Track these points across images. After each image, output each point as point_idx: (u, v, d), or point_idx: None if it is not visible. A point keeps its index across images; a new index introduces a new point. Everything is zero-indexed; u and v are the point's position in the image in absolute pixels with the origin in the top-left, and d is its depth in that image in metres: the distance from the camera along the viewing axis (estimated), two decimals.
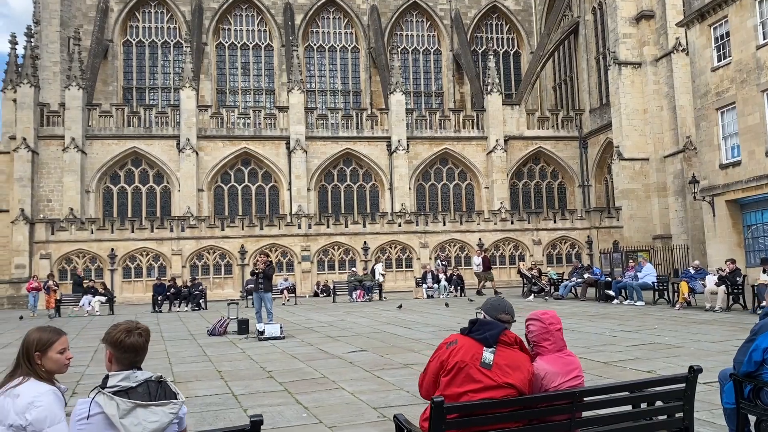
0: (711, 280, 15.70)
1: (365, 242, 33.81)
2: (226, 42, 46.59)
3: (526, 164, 42.52)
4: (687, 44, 35.06)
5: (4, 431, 2.93)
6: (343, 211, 38.15)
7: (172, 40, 45.96)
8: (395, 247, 34.47)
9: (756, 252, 23.26)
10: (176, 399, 3.04)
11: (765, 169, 22.17)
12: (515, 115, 42.06)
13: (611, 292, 18.42)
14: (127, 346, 3.06)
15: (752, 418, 4.56)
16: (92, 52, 41.87)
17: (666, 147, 35.05)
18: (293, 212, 36.39)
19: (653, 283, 17.75)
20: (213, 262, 32.99)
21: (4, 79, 38.49)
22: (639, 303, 17.51)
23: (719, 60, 24.58)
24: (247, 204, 39.38)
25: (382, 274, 26.01)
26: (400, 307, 19.24)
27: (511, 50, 50.10)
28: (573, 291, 21.32)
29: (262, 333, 13.01)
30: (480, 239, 34.78)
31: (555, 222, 35.92)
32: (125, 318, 20.84)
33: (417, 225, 34.65)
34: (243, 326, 14.19)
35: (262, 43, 47.04)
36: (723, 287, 14.97)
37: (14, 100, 36.85)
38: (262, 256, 14.54)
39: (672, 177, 34.62)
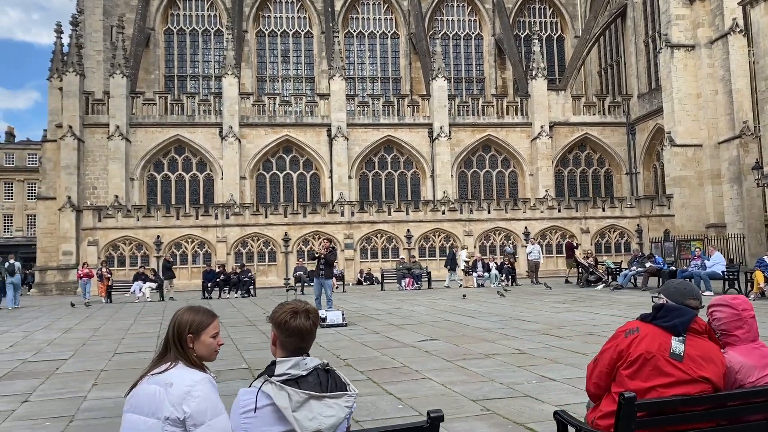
0: None
1: (408, 230, 33.35)
2: (266, 29, 46.38)
3: (571, 151, 41.52)
4: (749, 24, 33.71)
5: (158, 424, 2.56)
6: (384, 199, 37.74)
7: (212, 28, 45.93)
8: (439, 235, 33.96)
9: None
10: (348, 391, 2.63)
11: None
12: (560, 100, 41.07)
13: None
14: (293, 329, 2.66)
15: None
16: (134, 40, 42.04)
17: (721, 133, 33.78)
18: (335, 200, 36.14)
19: (723, 272, 16.95)
20: (257, 250, 32.92)
21: (50, 68, 38.97)
22: (708, 293, 16.71)
23: None
24: (289, 192, 39.25)
25: (466, 261, 25.36)
26: (464, 297, 18.69)
27: (555, 34, 48.91)
28: (632, 281, 20.56)
29: (324, 320, 12.67)
30: (526, 227, 34.07)
31: (604, 210, 34.97)
32: (178, 305, 20.82)
33: (461, 213, 34.05)
34: None
35: (302, 30, 46.72)
36: None
37: (60, 89, 37.25)
38: (325, 241, 14.17)
39: (727, 164, 33.37)
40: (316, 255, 13.96)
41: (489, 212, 34.21)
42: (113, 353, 10.23)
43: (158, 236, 31.96)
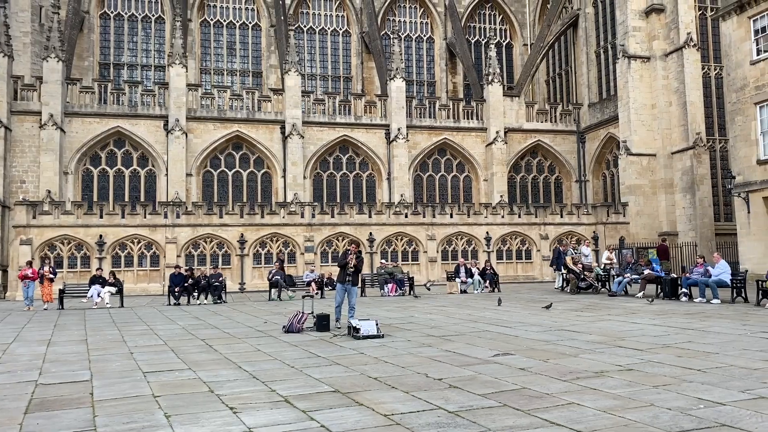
0: None
1: (371, 233, 32.22)
2: (212, 19, 44.02)
3: (524, 157, 41.73)
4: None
5: None
6: (338, 201, 36.46)
7: (153, 15, 43.11)
8: (401, 239, 33.01)
9: None
10: None
11: None
12: (514, 107, 41.18)
13: (685, 290, 17.49)
14: None
15: None
16: (68, 23, 38.74)
17: (674, 143, 34.74)
18: (288, 200, 34.52)
19: (731, 280, 16.88)
20: (210, 252, 30.79)
21: None
22: (715, 301, 16.63)
23: (758, 53, 24.06)
24: (238, 191, 37.23)
25: (607, 263, 23.24)
26: (550, 306, 16.62)
27: (504, 41, 49.14)
28: (625, 288, 20.31)
29: (357, 330, 11.39)
30: (487, 233, 33.73)
31: (562, 216, 35.15)
32: (144, 311, 18.78)
33: (424, 216, 33.25)
34: (324, 322, 12.53)
35: (250, 23, 44.67)
36: None
37: None
38: (353, 245, 12.75)
39: (680, 174, 34.32)
40: (348, 265, 12.49)
41: (451, 216, 33.60)
42: (141, 372, 8.58)
43: (101, 236, 29.27)
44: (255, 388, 7.45)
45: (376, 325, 11.64)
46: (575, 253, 22.21)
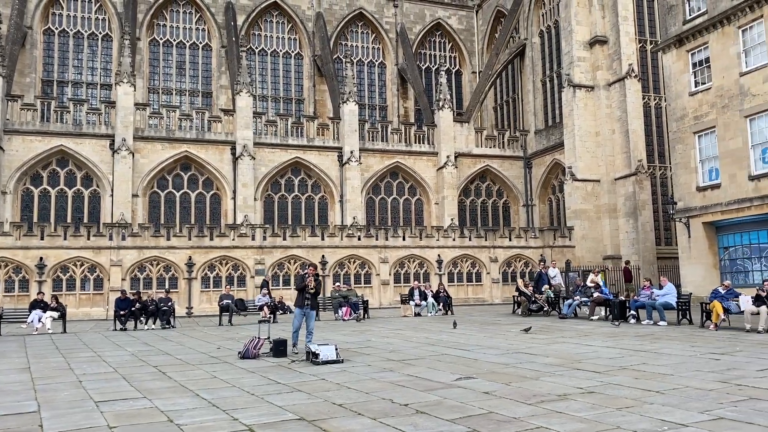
0: (745, 300, 15.53)
1: (323, 256, 31.97)
2: (161, 38, 43.37)
3: (473, 182, 42.36)
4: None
5: None
6: (290, 223, 36.14)
7: (100, 33, 42.19)
8: (354, 262, 32.86)
9: (734, 273, 23.81)
10: None
11: (747, 192, 22.79)
12: (464, 132, 41.87)
13: (633, 312, 17.94)
14: None
15: None
16: (10, 38, 37.46)
17: (617, 169, 35.90)
18: (238, 222, 34.01)
19: (677, 302, 17.43)
20: (156, 275, 29.93)
21: None
22: (662, 323, 17.11)
23: (696, 85, 25.21)
24: (186, 212, 36.44)
25: (591, 286, 21.74)
26: (528, 330, 16.37)
27: (453, 68, 50.09)
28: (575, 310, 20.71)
29: (316, 356, 11.22)
30: (439, 255, 33.96)
31: (510, 240, 35.72)
32: (89, 336, 18.02)
33: (377, 239, 33.25)
34: (281, 347, 12.29)
35: (200, 43, 44.21)
36: (765, 307, 14.79)
37: None
38: (311, 268, 12.53)
39: (623, 199, 35.45)
40: (307, 288, 12.27)
41: (404, 239, 33.71)
42: (93, 402, 8.20)
43: (41, 258, 28.10)
44: (216, 417, 7.22)
45: (336, 349, 11.50)
46: (544, 275, 23.02)
